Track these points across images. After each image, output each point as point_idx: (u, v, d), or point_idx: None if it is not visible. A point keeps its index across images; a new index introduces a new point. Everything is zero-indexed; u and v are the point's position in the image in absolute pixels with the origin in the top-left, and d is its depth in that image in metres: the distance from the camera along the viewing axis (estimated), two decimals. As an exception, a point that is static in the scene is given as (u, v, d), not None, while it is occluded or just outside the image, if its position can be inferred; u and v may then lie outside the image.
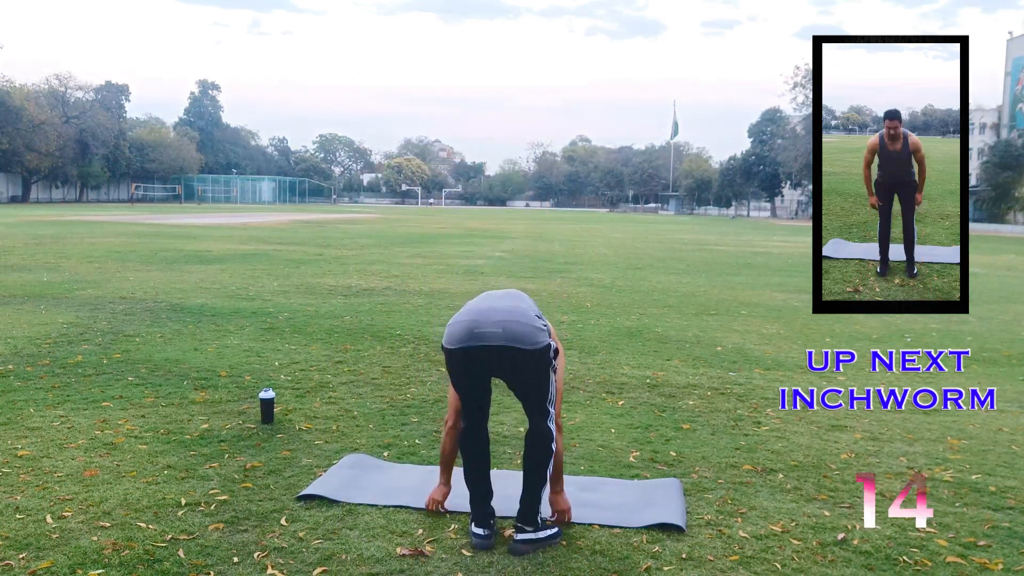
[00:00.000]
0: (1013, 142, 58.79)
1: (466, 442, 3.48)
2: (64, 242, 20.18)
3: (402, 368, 6.58)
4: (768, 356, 7.58)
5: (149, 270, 13.97)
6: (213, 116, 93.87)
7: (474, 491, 3.43)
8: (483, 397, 3.52)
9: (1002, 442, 4.95)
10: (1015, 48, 64.31)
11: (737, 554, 3.27)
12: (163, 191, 79.69)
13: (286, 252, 18.82)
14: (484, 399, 3.53)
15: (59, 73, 73.74)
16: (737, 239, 33.63)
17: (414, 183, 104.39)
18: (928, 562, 3.23)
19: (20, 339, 7.38)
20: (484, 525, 3.33)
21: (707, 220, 70.27)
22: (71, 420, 4.87)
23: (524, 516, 3.32)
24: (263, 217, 43.44)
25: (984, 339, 8.80)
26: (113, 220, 34.98)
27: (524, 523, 3.31)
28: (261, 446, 4.48)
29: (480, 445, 3.48)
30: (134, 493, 3.72)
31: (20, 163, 64.87)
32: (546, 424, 3.41)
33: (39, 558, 3.07)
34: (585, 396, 5.83)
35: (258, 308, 9.69)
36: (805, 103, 70.65)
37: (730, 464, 4.40)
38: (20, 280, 12.04)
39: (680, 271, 16.95)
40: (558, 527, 3.42)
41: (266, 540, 3.28)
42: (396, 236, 27.73)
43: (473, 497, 3.43)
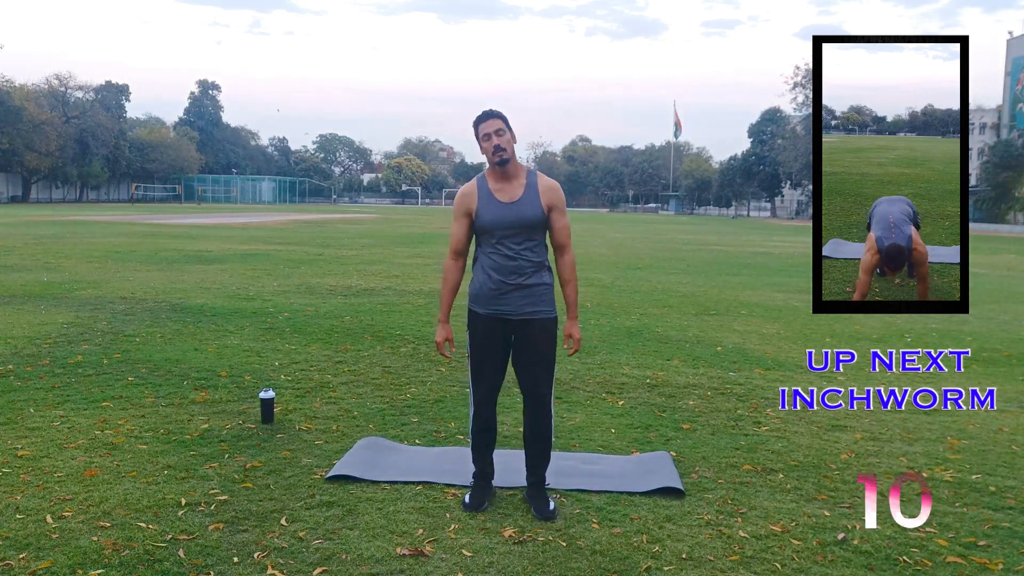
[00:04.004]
0: (1013, 142, 58.77)
1: (477, 426, 3.75)
2: (64, 242, 20.18)
3: (402, 368, 6.58)
4: (768, 356, 7.58)
5: (149, 270, 13.97)
6: (213, 116, 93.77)
7: (478, 468, 3.75)
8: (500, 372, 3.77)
9: (1002, 442, 4.95)
10: (1015, 48, 64.29)
11: (737, 554, 3.27)
12: (163, 191, 79.69)
13: (286, 252, 18.82)
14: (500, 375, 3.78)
15: (59, 73, 73.78)
16: (737, 239, 33.63)
17: (414, 183, 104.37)
18: (928, 562, 3.23)
19: (20, 339, 7.38)
20: (479, 498, 3.69)
21: (707, 220, 70.27)
22: (71, 420, 4.87)
23: (539, 496, 3.68)
24: (263, 217, 43.44)
25: (984, 339, 8.79)
26: (113, 220, 34.98)
27: (541, 503, 3.65)
28: (261, 446, 4.48)
29: (489, 431, 3.78)
30: (134, 493, 3.72)
31: (20, 163, 64.88)
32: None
33: (39, 558, 3.07)
34: (585, 396, 5.83)
35: (258, 308, 9.69)
36: (805, 103, 70.65)
37: (730, 464, 4.40)
38: (20, 280, 12.05)
39: (680, 271, 16.95)
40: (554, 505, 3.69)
41: (266, 540, 3.28)
42: (396, 236, 27.73)
43: (476, 476, 3.75)
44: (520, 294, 3.59)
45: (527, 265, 3.58)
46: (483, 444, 3.75)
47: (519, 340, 3.68)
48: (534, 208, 3.58)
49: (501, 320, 3.63)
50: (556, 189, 3.67)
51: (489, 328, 3.64)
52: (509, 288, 3.58)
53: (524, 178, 3.63)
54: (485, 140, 3.59)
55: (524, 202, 3.58)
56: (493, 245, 3.60)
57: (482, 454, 3.75)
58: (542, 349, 3.67)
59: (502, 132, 3.58)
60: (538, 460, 3.74)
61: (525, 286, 3.59)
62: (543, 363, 3.69)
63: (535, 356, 3.68)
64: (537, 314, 3.63)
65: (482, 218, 3.59)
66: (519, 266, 3.58)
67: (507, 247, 3.58)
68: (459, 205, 3.66)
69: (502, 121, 3.60)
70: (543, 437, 3.74)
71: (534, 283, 3.60)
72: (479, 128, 3.62)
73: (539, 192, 3.61)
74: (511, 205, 3.57)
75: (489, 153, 3.59)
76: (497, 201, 3.59)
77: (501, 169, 3.60)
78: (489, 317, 3.64)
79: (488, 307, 3.63)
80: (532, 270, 3.60)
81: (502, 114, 3.63)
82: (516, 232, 3.57)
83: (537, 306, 3.62)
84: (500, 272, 3.58)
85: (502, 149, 3.56)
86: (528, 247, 3.59)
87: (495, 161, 3.58)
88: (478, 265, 3.68)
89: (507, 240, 3.58)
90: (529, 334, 3.65)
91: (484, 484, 3.74)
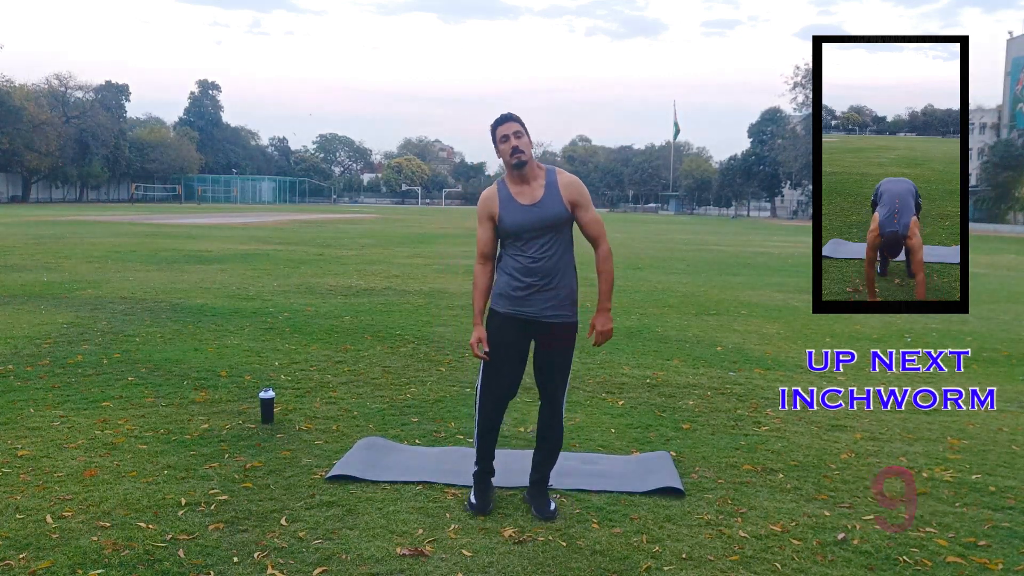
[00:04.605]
0: (1013, 142, 58.76)
1: (484, 427, 3.74)
2: (64, 242, 20.18)
3: (402, 368, 6.58)
4: (768, 356, 7.58)
5: (149, 270, 13.97)
6: (213, 116, 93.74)
7: (481, 467, 3.74)
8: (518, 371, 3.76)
9: (1002, 442, 4.95)
10: (1015, 48, 64.28)
11: (737, 554, 3.27)
12: (163, 191, 79.67)
13: (286, 252, 18.82)
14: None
15: (59, 73, 73.83)
16: (737, 239, 33.63)
17: (414, 183, 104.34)
18: (928, 562, 3.23)
19: (20, 339, 7.38)
20: (484, 499, 3.67)
21: (707, 220, 70.26)
22: (71, 420, 4.87)
23: (540, 496, 3.69)
24: (263, 217, 43.43)
25: (984, 339, 8.79)
26: (113, 220, 34.98)
27: (542, 502, 3.67)
28: (261, 446, 4.48)
29: (495, 433, 3.78)
30: (134, 493, 3.72)
31: (20, 163, 64.88)
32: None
33: (39, 558, 3.07)
34: (585, 396, 5.83)
35: (258, 308, 9.69)
36: (805, 103, 70.66)
37: (730, 464, 4.40)
38: (20, 280, 12.04)
39: (680, 271, 16.95)
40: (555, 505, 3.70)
41: (266, 540, 3.28)
42: (396, 236, 27.73)
43: (479, 477, 3.74)
44: (544, 296, 3.57)
45: (552, 267, 3.56)
46: (488, 445, 3.74)
47: (539, 343, 3.68)
48: (557, 207, 3.56)
49: (523, 321, 3.61)
50: (577, 184, 3.65)
51: (510, 329, 3.61)
52: (533, 290, 3.56)
53: (543, 178, 3.62)
54: (503, 142, 3.58)
55: (546, 202, 3.57)
56: (519, 248, 3.58)
57: (487, 455, 3.74)
58: (561, 354, 3.67)
59: (520, 135, 3.57)
60: (545, 459, 3.76)
61: (550, 288, 3.57)
62: (560, 368, 3.69)
63: (553, 360, 3.67)
64: (559, 318, 3.61)
65: (505, 222, 3.57)
66: (544, 268, 3.55)
67: (532, 249, 3.56)
68: (482, 209, 3.65)
69: (519, 124, 3.60)
70: (553, 439, 3.76)
71: (558, 285, 3.58)
72: (497, 131, 3.60)
73: (560, 189, 3.59)
74: (533, 207, 3.56)
75: (507, 155, 3.57)
76: (518, 204, 3.57)
77: (519, 172, 3.58)
78: (511, 318, 3.61)
79: (511, 308, 3.61)
80: (557, 272, 3.57)
81: (520, 118, 3.62)
82: (540, 233, 3.55)
83: (559, 310, 3.60)
84: (525, 274, 3.56)
85: (520, 151, 3.55)
86: (553, 248, 3.57)
87: (513, 163, 3.57)
88: (502, 266, 3.66)
89: (532, 242, 3.56)
90: (549, 338, 3.64)
91: (487, 485, 3.74)
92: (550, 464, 3.78)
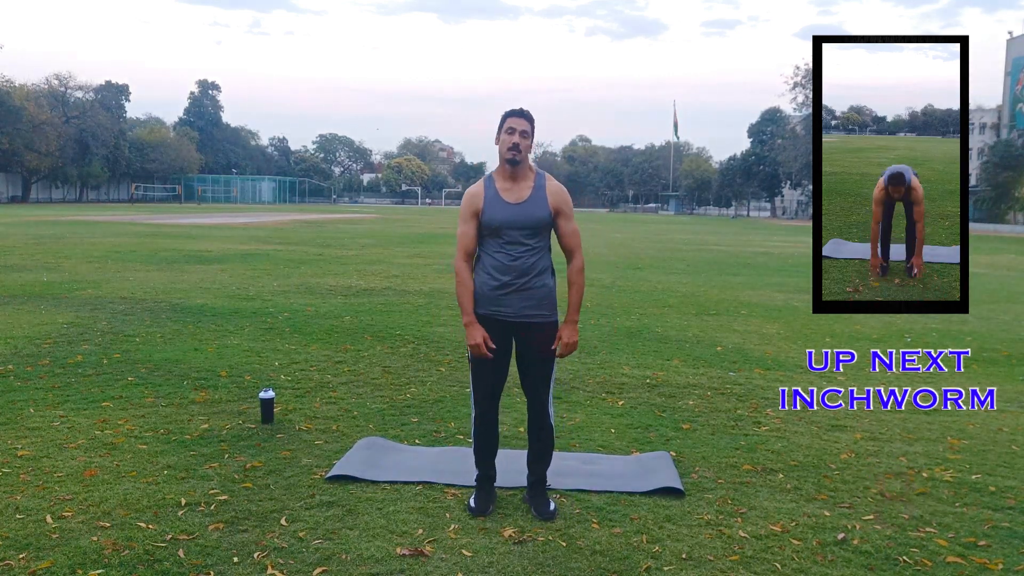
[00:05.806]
0: (1013, 142, 58.74)
1: (480, 430, 3.74)
2: (64, 242, 20.18)
3: (402, 368, 6.58)
4: (768, 356, 7.58)
5: (149, 270, 13.97)
6: (213, 116, 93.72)
7: (481, 471, 3.76)
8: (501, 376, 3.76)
9: (1002, 442, 4.95)
10: (1015, 48, 64.27)
11: (737, 554, 3.27)
12: (163, 191, 79.65)
13: (286, 252, 18.82)
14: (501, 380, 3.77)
15: (59, 73, 73.78)
16: (737, 239, 33.62)
17: (414, 183, 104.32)
18: (928, 562, 3.23)
19: (20, 339, 7.38)
20: (484, 502, 3.67)
21: (707, 220, 70.26)
22: (71, 420, 4.87)
23: (539, 496, 3.69)
24: (263, 217, 43.43)
25: (984, 339, 8.79)
26: (113, 220, 34.98)
27: (541, 503, 3.67)
28: (261, 446, 4.48)
29: (491, 433, 3.78)
30: (134, 493, 3.72)
31: (20, 163, 64.85)
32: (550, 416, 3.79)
33: (39, 558, 3.07)
34: (585, 396, 5.83)
35: (258, 308, 9.69)
36: (805, 103, 70.61)
37: (730, 464, 4.40)
38: (20, 280, 12.04)
39: (680, 271, 16.95)
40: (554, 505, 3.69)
41: (266, 540, 3.28)
42: (396, 236, 27.72)
43: (480, 479, 3.76)
44: (521, 296, 3.58)
45: (529, 267, 3.57)
46: (486, 447, 3.74)
47: (519, 343, 3.68)
48: (541, 210, 3.58)
49: (500, 322, 3.62)
50: (564, 193, 3.67)
51: (488, 330, 3.62)
52: (510, 290, 3.57)
53: (533, 180, 3.63)
54: (508, 133, 3.56)
55: (531, 203, 3.58)
56: (498, 246, 3.59)
57: (485, 457, 3.75)
58: (540, 353, 3.66)
59: (526, 135, 3.57)
60: (538, 459, 3.75)
61: (526, 288, 3.58)
62: (542, 367, 3.69)
63: (533, 359, 3.68)
64: (536, 317, 3.62)
65: (488, 217, 3.57)
66: (521, 267, 3.56)
67: (511, 248, 3.57)
68: (466, 206, 3.64)
69: (530, 125, 3.59)
70: (542, 438, 3.75)
71: (535, 286, 3.59)
72: (508, 120, 3.58)
73: (547, 194, 3.61)
74: (518, 206, 3.57)
75: (504, 147, 3.57)
76: (504, 201, 3.58)
77: (511, 169, 3.59)
78: (489, 319, 3.62)
79: (488, 308, 3.62)
80: (534, 272, 3.58)
81: (533, 119, 3.62)
82: (521, 233, 3.56)
83: (537, 310, 3.61)
84: (502, 272, 3.57)
85: (518, 150, 3.55)
86: (532, 249, 3.58)
87: (507, 158, 3.57)
88: (480, 265, 3.65)
89: (512, 241, 3.56)
90: (529, 337, 3.64)
91: (488, 487, 3.74)
92: (544, 464, 3.77)
